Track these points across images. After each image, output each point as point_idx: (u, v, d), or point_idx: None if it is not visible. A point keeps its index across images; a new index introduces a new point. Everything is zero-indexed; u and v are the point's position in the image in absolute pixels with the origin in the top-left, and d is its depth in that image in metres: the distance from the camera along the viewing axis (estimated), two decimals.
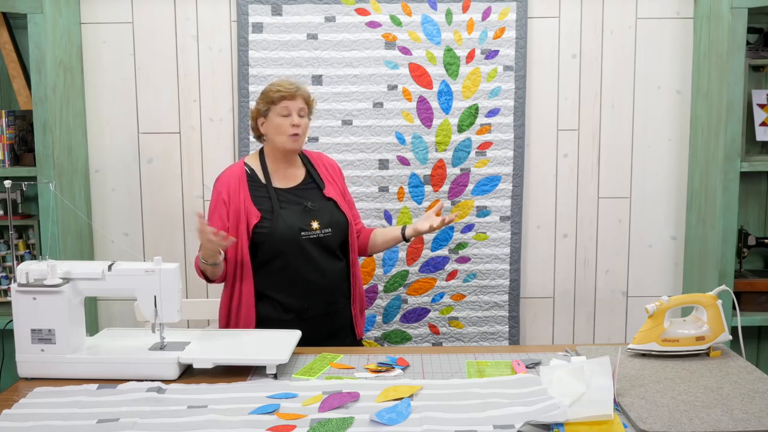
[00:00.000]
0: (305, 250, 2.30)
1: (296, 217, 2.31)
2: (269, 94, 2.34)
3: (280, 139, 2.33)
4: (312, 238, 2.32)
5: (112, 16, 3.01)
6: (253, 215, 2.29)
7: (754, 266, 3.18)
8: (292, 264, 2.30)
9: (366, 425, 1.58)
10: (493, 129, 3.03)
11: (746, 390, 1.72)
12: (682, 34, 3.03)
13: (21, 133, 2.96)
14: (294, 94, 2.32)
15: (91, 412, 1.65)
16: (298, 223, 2.31)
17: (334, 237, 2.37)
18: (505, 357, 2.00)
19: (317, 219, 2.34)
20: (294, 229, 2.29)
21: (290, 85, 2.34)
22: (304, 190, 2.39)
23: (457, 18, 2.98)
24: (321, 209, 2.36)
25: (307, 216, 2.33)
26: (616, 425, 1.54)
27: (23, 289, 1.88)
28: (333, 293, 2.38)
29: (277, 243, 2.28)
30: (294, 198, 2.35)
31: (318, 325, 2.32)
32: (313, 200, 2.36)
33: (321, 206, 2.37)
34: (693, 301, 2.00)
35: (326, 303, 2.36)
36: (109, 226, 3.11)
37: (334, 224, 2.37)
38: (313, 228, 2.32)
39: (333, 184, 2.46)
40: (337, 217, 2.39)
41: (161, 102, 3.06)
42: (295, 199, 2.35)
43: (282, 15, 2.97)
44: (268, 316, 2.32)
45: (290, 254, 2.30)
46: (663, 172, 3.11)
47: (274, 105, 2.32)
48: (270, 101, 2.33)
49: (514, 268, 3.10)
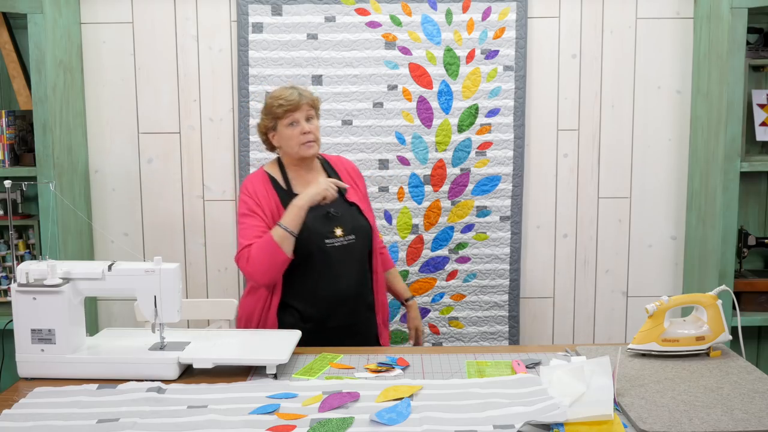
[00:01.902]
0: (329, 257, 2.24)
1: (319, 223, 2.24)
2: (273, 110, 2.28)
3: (294, 149, 2.28)
4: (336, 246, 2.25)
5: (112, 16, 3.01)
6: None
7: (754, 266, 3.18)
8: (315, 272, 2.24)
9: (366, 425, 1.58)
10: (493, 129, 3.04)
11: (746, 390, 1.72)
12: (682, 34, 3.03)
13: (21, 133, 2.96)
14: (298, 104, 2.26)
15: (91, 412, 1.65)
16: (322, 230, 2.24)
17: (357, 244, 2.30)
18: (505, 357, 2.00)
19: (340, 225, 2.27)
20: (318, 237, 2.22)
21: (291, 95, 2.27)
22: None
23: (457, 18, 2.98)
24: (343, 215, 2.29)
25: (330, 222, 2.26)
26: (616, 425, 1.54)
27: (23, 289, 1.88)
28: (355, 303, 2.30)
29: (301, 251, 2.21)
30: (316, 204, 2.24)
31: (340, 335, 2.24)
32: (335, 206, 2.27)
33: (343, 212, 2.30)
34: (693, 301, 2.00)
35: (348, 314, 2.28)
36: (109, 226, 3.11)
37: (357, 230, 2.30)
38: (337, 235, 2.26)
39: (354, 188, 2.39)
40: (360, 223, 2.32)
41: (161, 102, 3.06)
42: (316, 206, 2.24)
43: (282, 15, 2.97)
44: (289, 325, 2.24)
45: (314, 262, 2.23)
46: (663, 172, 3.11)
47: (281, 119, 2.27)
48: (275, 116, 2.28)
49: (514, 268, 3.10)
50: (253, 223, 2.24)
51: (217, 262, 3.13)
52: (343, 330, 2.27)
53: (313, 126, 2.29)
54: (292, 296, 2.27)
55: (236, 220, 2.33)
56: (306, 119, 2.28)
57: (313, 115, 2.31)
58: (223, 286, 3.14)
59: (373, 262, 2.37)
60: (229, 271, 3.13)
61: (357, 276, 2.31)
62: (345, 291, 2.28)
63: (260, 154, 3.01)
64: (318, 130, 2.32)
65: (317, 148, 2.31)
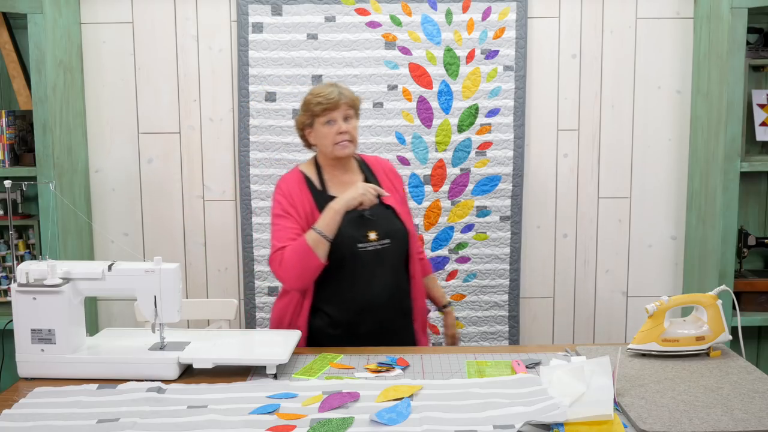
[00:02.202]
0: (362, 262, 2.18)
1: (352, 227, 2.17)
2: (311, 107, 2.23)
3: (329, 148, 2.22)
4: (369, 250, 2.19)
5: (112, 16, 3.01)
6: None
7: (754, 266, 3.18)
8: (347, 277, 2.18)
9: (366, 425, 1.58)
10: (493, 129, 3.04)
11: (746, 390, 1.72)
12: (682, 34, 3.03)
13: (21, 133, 2.96)
14: (337, 103, 2.20)
15: (91, 412, 1.65)
16: (355, 233, 2.18)
17: (393, 248, 2.23)
18: (505, 357, 2.00)
19: (375, 229, 2.20)
20: (351, 241, 2.17)
21: (331, 93, 2.21)
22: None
23: (457, 18, 2.98)
24: (379, 218, 2.22)
25: (364, 226, 2.19)
26: (616, 425, 1.54)
27: (23, 289, 1.88)
28: (388, 310, 2.23)
29: (333, 255, 2.15)
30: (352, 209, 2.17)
31: (372, 342, 2.15)
32: (371, 209, 2.20)
33: (379, 215, 2.23)
34: (693, 301, 2.00)
35: (380, 320, 2.21)
36: (109, 226, 3.11)
37: (392, 234, 2.23)
38: (371, 239, 2.19)
39: (392, 191, 2.32)
40: (396, 227, 2.25)
41: (161, 102, 3.06)
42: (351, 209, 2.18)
43: (282, 15, 2.97)
44: (319, 329, 2.21)
45: (345, 267, 2.18)
46: (663, 172, 3.11)
47: (318, 117, 2.22)
48: (313, 114, 2.23)
49: (514, 268, 3.10)
50: (287, 224, 2.19)
51: (217, 262, 3.13)
52: (375, 336, 2.18)
53: (351, 126, 2.23)
54: (324, 300, 2.21)
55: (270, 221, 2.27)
56: (344, 119, 2.22)
57: (352, 115, 2.25)
58: (223, 286, 3.14)
59: (410, 267, 2.30)
60: (229, 271, 3.13)
61: (392, 281, 2.24)
62: (378, 296, 2.20)
63: (260, 154, 3.02)
64: (356, 130, 2.26)
65: (353, 148, 2.25)
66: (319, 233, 2.12)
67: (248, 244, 3.06)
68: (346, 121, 2.23)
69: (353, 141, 2.24)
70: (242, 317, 3.10)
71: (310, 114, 2.24)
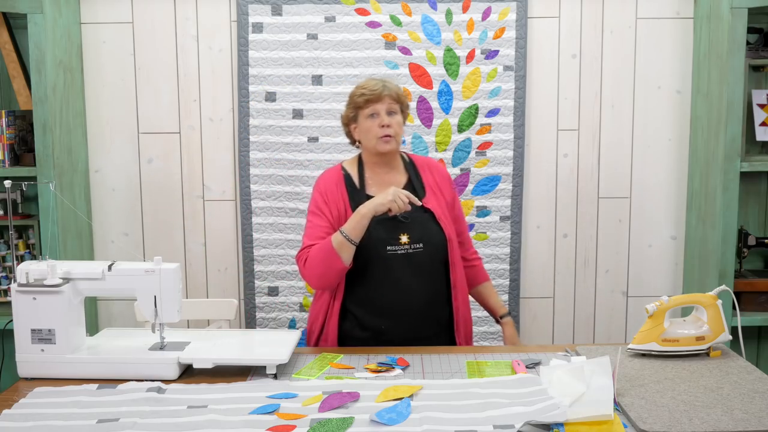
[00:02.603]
0: (390, 266, 2.12)
1: (384, 229, 2.12)
2: (354, 99, 2.19)
3: (371, 142, 2.16)
4: (400, 254, 2.12)
5: (112, 16, 3.01)
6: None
7: (754, 266, 3.18)
8: (374, 280, 2.13)
9: (366, 425, 1.58)
10: (493, 129, 3.04)
11: (746, 390, 1.72)
12: (682, 34, 3.03)
13: (21, 133, 2.96)
14: (380, 96, 2.14)
15: (91, 412, 1.65)
16: (384, 235, 2.12)
17: (426, 253, 2.15)
18: (505, 357, 2.00)
19: (407, 232, 2.13)
20: (380, 243, 2.11)
21: (375, 86, 2.16)
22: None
23: (457, 18, 2.98)
24: (414, 221, 2.15)
25: (397, 229, 2.13)
26: (616, 425, 1.54)
27: (23, 289, 1.88)
28: (419, 317, 2.16)
29: (361, 257, 2.10)
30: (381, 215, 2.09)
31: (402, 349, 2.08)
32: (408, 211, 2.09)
33: (414, 218, 2.15)
34: (693, 301, 2.00)
35: (411, 327, 2.14)
36: (109, 226, 3.11)
37: (426, 239, 2.15)
38: (402, 242, 2.12)
39: (437, 194, 2.24)
40: (432, 231, 2.17)
41: (161, 102, 3.06)
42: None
43: (282, 15, 2.97)
44: (348, 332, 2.17)
45: (372, 269, 2.12)
46: (663, 172, 3.11)
47: (362, 109, 2.17)
48: (357, 106, 2.18)
49: (514, 268, 3.10)
50: (319, 222, 2.16)
51: (217, 262, 3.13)
52: (405, 343, 2.11)
53: (394, 121, 2.16)
54: (352, 302, 2.17)
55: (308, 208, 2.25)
56: (387, 112, 2.16)
57: (397, 110, 2.18)
58: (223, 286, 3.14)
59: (450, 274, 2.20)
60: (229, 271, 3.13)
61: (426, 287, 2.16)
62: (408, 302, 2.14)
63: (260, 154, 3.02)
64: (400, 126, 2.19)
65: (396, 144, 2.18)
66: (345, 236, 2.05)
67: (248, 244, 3.06)
68: (389, 115, 2.16)
69: (396, 137, 2.17)
70: (242, 317, 3.10)
71: (353, 107, 2.19)
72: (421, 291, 2.15)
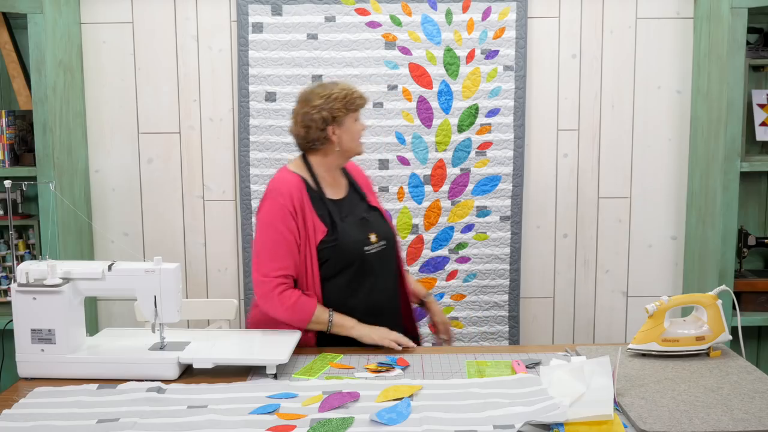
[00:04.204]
0: (368, 265, 2.16)
1: (357, 230, 2.17)
2: (354, 101, 2.17)
3: (354, 145, 2.20)
4: (373, 252, 2.18)
5: (112, 16, 3.01)
6: (319, 230, 2.12)
7: (754, 266, 3.18)
8: (354, 281, 2.16)
9: (366, 425, 1.58)
10: (493, 129, 3.04)
11: (746, 390, 1.72)
12: (682, 34, 3.03)
13: (21, 133, 2.96)
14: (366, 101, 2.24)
15: (91, 412, 1.65)
16: (361, 236, 2.17)
17: (389, 249, 2.23)
18: (505, 357, 2.00)
19: (374, 231, 2.20)
20: (358, 244, 2.15)
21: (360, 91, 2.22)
22: (352, 200, 2.25)
23: (457, 18, 2.98)
24: (374, 221, 2.23)
25: (366, 228, 2.19)
26: (616, 425, 1.54)
27: (23, 289, 1.88)
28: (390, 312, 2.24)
29: (343, 259, 2.13)
30: (348, 210, 2.19)
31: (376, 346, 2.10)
32: (364, 212, 2.21)
33: (373, 217, 2.24)
34: (693, 301, 2.00)
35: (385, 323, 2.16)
36: (109, 226, 3.11)
37: (385, 235, 2.23)
38: (372, 241, 2.18)
39: (369, 192, 2.33)
40: (386, 228, 2.26)
41: (161, 102, 3.06)
42: (349, 211, 2.19)
43: (282, 15, 2.97)
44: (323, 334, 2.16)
45: (353, 271, 2.15)
46: (663, 172, 3.11)
47: (354, 112, 2.18)
48: (352, 108, 2.18)
49: (514, 268, 3.10)
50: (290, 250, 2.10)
51: (217, 262, 3.13)
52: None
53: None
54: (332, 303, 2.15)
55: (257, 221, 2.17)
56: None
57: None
58: (223, 286, 3.14)
59: (400, 267, 2.30)
60: (228, 271, 3.13)
61: (392, 284, 2.25)
62: (379, 300, 2.20)
63: (260, 154, 3.02)
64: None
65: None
66: (329, 324, 2.10)
67: (248, 244, 3.06)
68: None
69: None
70: (242, 317, 3.10)
71: (346, 109, 2.16)
72: (390, 286, 2.26)
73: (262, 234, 2.13)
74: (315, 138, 2.17)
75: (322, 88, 2.19)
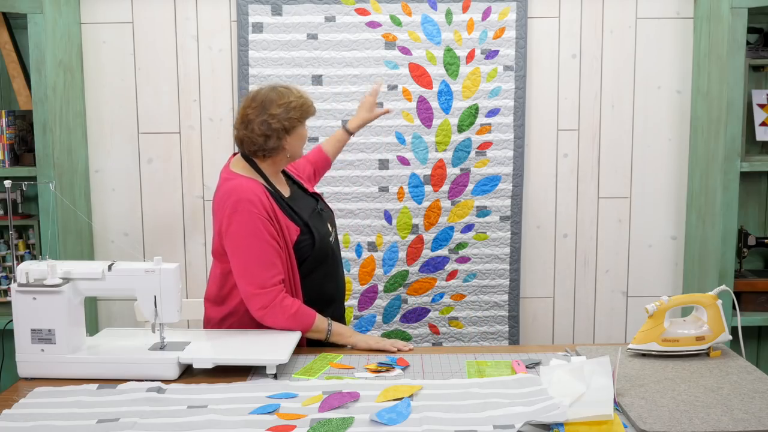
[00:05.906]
0: (334, 255, 2.23)
1: (320, 224, 2.20)
2: (308, 110, 2.16)
3: (300, 150, 2.19)
4: (334, 243, 2.25)
5: (112, 16, 3.01)
6: (293, 230, 2.11)
7: (754, 266, 3.18)
8: (328, 274, 2.21)
9: (366, 425, 1.58)
10: (493, 129, 3.04)
11: (746, 390, 1.72)
12: (682, 34, 3.03)
13: (21, 133, 2.96)
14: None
15: (91, 412, 1.65)
16: (325, 229, 2.21)
17: (335, 233, 2.31)
18: (505, 357, 2.00)
19: (329, 221, 2.26)
20: (326, 237, 2.19)
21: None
22: (299, 195, 2.25)
23: (457, 18, 2.98)
24: (325, 210, 2.28)
25: (323, 219, 2.23)
26: (616, 425, 1.54)
27: (23, 289, 1.88)
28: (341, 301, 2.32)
29: (320, 254, 2.16)
30: (302, 205, 2.19)
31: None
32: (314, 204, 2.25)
33: (323, 208, 2.29)
34: (693, 301, 2.00)
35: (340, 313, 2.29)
36: (109, 226, 3.11)
37: (333, 221, 2.31)
38: (330, 231, 2.24)
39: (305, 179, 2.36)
40: (332, 213, 2.32)
41: (161, 102, 3.06)
42: (303, 206, 2.19)
43: (282, 15, 2.97)
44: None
45: (327, 264, 2.20)
46: (663, 172, 3.11)
47: (305, 119, 2.17)
48: (306, 116, 2.16)
49: (513, 268, 3.10)
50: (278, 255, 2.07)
51: None
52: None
53: None
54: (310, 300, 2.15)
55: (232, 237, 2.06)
56: None
57: None
58: None
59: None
60: None
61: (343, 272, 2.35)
62: (340, 289, 2.29)
63: None
64: None
65: None
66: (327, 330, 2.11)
67: None
68: None
69: None
70: None
71: (304, 117, 2.15)
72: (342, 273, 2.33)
73: (248, 247, 2.04)
74: (272, 147, 2.11)
75: (279, 95, 2.11)
